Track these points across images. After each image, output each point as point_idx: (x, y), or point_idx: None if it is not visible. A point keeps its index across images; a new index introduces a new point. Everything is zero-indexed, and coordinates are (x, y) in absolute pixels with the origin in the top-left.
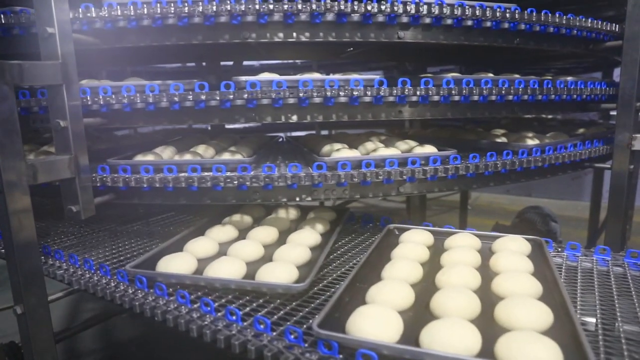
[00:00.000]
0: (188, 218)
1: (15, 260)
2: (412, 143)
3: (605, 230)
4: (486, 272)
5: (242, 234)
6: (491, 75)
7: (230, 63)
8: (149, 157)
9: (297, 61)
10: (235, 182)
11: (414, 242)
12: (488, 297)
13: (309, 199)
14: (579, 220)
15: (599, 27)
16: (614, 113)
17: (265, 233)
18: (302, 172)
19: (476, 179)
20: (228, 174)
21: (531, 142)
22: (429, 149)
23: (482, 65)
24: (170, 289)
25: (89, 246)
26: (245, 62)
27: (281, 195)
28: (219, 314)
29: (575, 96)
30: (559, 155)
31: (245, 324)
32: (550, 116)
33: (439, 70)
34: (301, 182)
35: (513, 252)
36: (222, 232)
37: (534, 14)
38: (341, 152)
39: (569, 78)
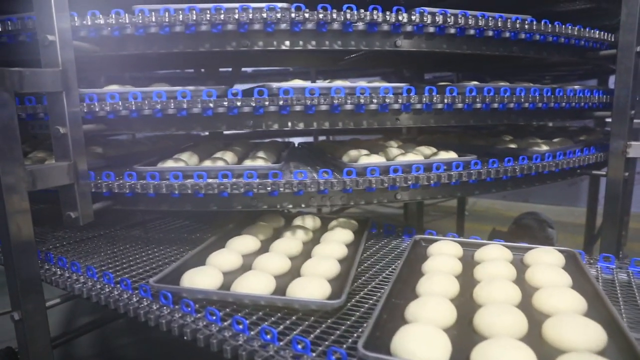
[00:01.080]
0: (185, 223)
1: (14, 266)
2: (433, 149)
3: (601, 237)
4: (523, 286)
5: (265, 244)
6: (508, 84)
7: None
8: (180, 164)
9: (289, 68)
10: (269, 188)
11: (446, 255)
12: (530, 313)
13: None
14: (575, 226)
15: (595, 36)
16: (608, 120)
17: (290, 245)
18: (334, 178)
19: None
20: (260, 180)
21: (545, 147)
22: (452, 155)
23: (477, 73)
24: (197, 305)
25: (104, 255)
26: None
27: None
28: (253, 332)
29: (583, 104)
30: (570, 160)
31: (281, 343)
32: (542, 122)
33: (432, 77)
34: (333, 188)
35: (549, 265)
36: (244, 244)
37: (544, 24)
38: (371, 158)
39: (576, 86)
